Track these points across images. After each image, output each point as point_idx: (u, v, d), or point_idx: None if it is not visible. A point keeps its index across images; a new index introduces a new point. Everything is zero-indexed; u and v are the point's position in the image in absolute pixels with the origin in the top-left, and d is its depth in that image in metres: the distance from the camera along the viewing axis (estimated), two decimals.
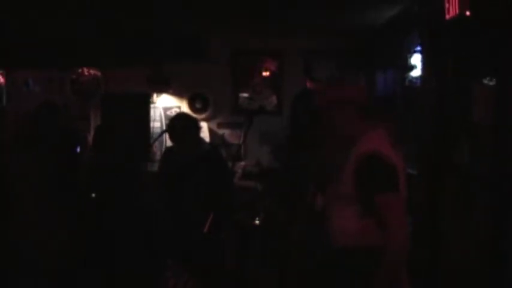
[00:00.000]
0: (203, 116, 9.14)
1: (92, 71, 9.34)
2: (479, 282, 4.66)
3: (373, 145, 3.25)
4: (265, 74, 9.43)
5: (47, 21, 7.80)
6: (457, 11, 4.83)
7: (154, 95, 9.35)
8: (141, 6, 7.09)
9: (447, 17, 5.04)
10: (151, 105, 9.18)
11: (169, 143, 6.78)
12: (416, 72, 6.69)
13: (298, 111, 5.15)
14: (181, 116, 6.16)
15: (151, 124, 9.09)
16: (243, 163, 8.94)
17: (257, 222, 6.84)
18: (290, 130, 5.26)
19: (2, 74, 9.30)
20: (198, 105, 9.34)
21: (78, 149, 7.50)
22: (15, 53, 8.62)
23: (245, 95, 9.47)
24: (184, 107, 9.37)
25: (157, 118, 9.34)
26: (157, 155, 8.39)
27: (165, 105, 9.45)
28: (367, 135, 3.31)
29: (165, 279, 4.85)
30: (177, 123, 5.53)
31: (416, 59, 6.68)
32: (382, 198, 3.18)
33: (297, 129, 5.11)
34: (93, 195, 6.04)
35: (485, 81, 4.87)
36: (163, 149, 8.28)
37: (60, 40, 8.56)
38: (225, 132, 9.44)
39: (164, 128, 8.96)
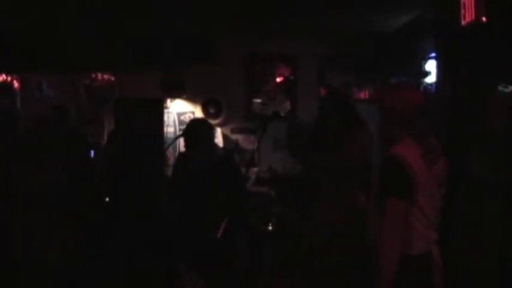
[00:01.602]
0: (217, 121, 9.11)
1: (105, 76, 9.34)
2: None
3: (397, 149, 3.24)
4: (279, 79, 9.41)
5: (59, 25, 7.83)
6: (473, 17, 4.81)
7: (168, 100, 9.34)
8: (155, 11, 7.10)
9: (463, 22, 5.01)
10: (165, 110, 9.16)
11: (182, 148, 6.79)
12: (430, 79, 6.66)
13: (328, 113, 5.12)
14: (196, 121, 6.14)
15: (165, 129, 9.07)
16: (256, 169, 8.92)
17: (270, 228, 6.83)
18: (315, 130, 5.22)
19: (16, 79, 9.32)
20: (211, 111, 9.32)
21: (91, 154, 7.52)
22: (29, 57, 8.65)
23: (259, 100, 9.44)
24: (198, 112, 9.36)
25: (171, 123, 9.33)
26: (171, 160, 8.38)
27: (178, 110, 9.44)
28: (400, 141, 3.30)
29: (181, 284, 4.84)
30: (193, 129, 5.52)
31: (430, 65, 6.66)
32: (385, 201, 3.20)
33: (323, 130, 5.08)
34: (107, 199, 6.05)
35: (501, 88, 4.84)
36: (177, 155, 8.27)
37: (73, 44, 8.58)
38: (239, 137, 9.41)
39: (178, 133, 8.96)
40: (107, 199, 6.06)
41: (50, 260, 4.50)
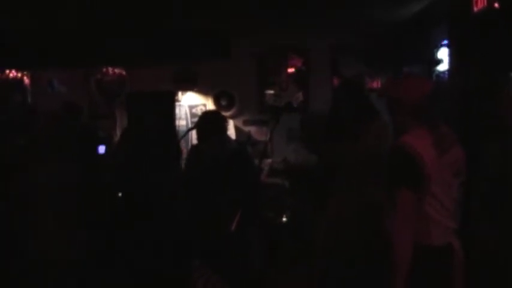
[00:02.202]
0: (229, 113, 9.09)
1: (116, 70, 9.35)
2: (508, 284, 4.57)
3: (406, 139, 3.20)
4: (291, 70, 9.38)
5: (70, 20, 7.83)
6: (485, 3, 4.76)
7: (180, 93, 9.33)
8: (167, 4, 7.08)
9: (475, 9, 4.96)
10: (177, 103, 9.16)
11: (194, 140, 6.77)
12: (443, 67, 6.61)
13: (341, 103, 5.07)
14: (209, 113, 6.12)
15: (177, 122, 9.07)
16: (269, 160, 8.89)
17: (284, 219, 6.81)
18: (329, 121, 5.18)
19: (27, 75, 9.35)
20: (223, 103, 9.30)
21: (103, 149, 7.51)
22: (39, 54, 8.66)
23: (271, 91, 9.42)
24: (210, 105, 9.36)
25: (183, 116, 9.33)
26: (183, 153, 8.37)
27: (190, 103, 9.44)
28: (411, 131, 3.26)
29: (193, 280, 4.82)
30: (206, 121, 5.50)
31: (443, 53, 6.61)
32: (393, 192, 3.18)
33: (336, 121, 5.04)
34: (120, 194, 6.05)
35: None
36: (189, 147, 8.27)
37: (85, 39, 8.58)
38: (251, 129, 9.41)
39: (189, 126, 8.95)
40: (120, 194, 6.05)
41: (50, 261, 4.49)
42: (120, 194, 6.09)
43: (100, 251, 5.14)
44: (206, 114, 5.89)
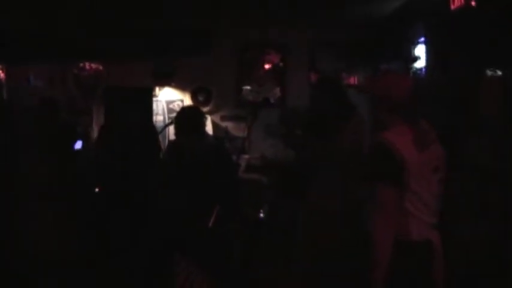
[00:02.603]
0: (206, 109, 9.08)
1: (93, 65, 9.29)
2: (492, 280, 4.60)
3: (386, 135, 3.22)
4: (268, 66, 9.39)
5: (49, 16, 7.78)
6: (462, 1, 4.79)
7: (157, 89, 9.30)
8: (147, 1, 7.06)
9: (452, 7, 4.99)
10: (154, 99, 9.13)
11: (172, 136, 6.75)
12: (420, 63, 6.65)
13: (320, 100, 5.07)
14: (188, 109, 6.10)
15: (154, 118, 9.04)
16: (247, 156, 8.89)
17: (262, 215, 6.81)
18: (309, 118, 5.19)
19: (2, 70, 9.26)
20: (201, 98, 9.30)
21: (80, 144, 7.45)
22: (15, 48, 8.59)
23: (248, 87, 9.42)
24: (187, 100, 9.34)
25: (160, 112, 9.30)
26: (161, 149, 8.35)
27: (167, 98, 9.41)
28: (392, 127, 3.28)
29: (174, 274, 4.80)
30: (185, 117, 5.49)
31: (420, 50, 6.65)
32: (374, 189, 3.19)
33: (316, 118, 5.05)
34: (96, 189, 6.01)
35: (490, 72, 4.81)
36: (166, 143, 8.24)
37: (64, 34, 8.53)
38: (228, 125, 9.40)
39: (167, 121, 8.93)
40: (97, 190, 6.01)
41: (50, 261, 4.47)
42: (96, 190, 6.05)
43: (96, 250, 5.13)
44: (184, 110, 5.86)
